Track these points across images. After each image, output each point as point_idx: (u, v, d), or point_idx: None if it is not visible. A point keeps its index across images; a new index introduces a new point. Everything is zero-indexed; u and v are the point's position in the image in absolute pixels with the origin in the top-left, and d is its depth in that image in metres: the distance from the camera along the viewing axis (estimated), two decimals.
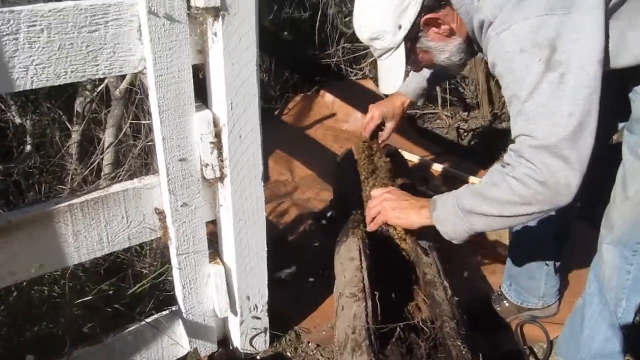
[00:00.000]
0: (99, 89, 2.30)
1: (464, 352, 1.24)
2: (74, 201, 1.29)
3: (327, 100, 3.47)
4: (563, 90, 1.18)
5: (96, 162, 2.23)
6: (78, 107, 2.32)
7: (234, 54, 1.26)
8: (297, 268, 2.14)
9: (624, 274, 1.57)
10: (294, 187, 2.82)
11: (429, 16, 1.39)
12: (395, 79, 1.54)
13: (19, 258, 1.26)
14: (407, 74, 1.74)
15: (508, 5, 1.23)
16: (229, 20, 1.21)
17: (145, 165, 2.17)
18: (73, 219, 1.30)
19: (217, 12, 1.20)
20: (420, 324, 1.40)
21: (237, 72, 1.28)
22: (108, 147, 2.23)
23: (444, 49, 1.47)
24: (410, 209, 1.49)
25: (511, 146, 1.27)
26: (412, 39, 1.45)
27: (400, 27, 1.42)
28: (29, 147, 2.29)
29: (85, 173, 2.19)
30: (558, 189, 1.20)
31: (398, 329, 1.37)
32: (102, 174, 2.22)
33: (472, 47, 1.48)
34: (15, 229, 1.23)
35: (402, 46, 1.45)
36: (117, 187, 1.35)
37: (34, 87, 1.13)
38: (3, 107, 2.35)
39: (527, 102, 1.21)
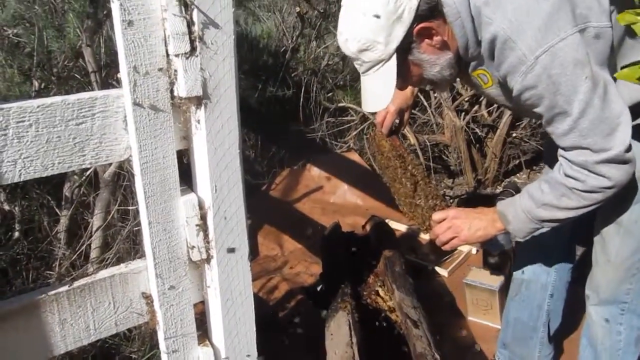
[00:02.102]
0: (87, 173, 2.34)
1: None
2: (60, 289, 1.29)
3: (314, 173, 3.54)
4: (609, 99, 1.25)
5: (84, 246, 2.23)
6: (66, 191, 2.35)
7: (216, 139, 1.30)
8: (287, 343, 2.11)
9: (615, 334, 1.59)
10: (283, 262, 2.83)
11: (422, 25, 1.36)
12: (384, 94, 1.45)
13: (4, 348, 1.24)
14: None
15: (533, 22, 1.23)
16: (211, 108, 1.27)
17: (134, 247, 2.18)
18: (59, 307, 1.29)
19: (199, 101, 1.25)
20: None
21: (220, 156, 1.32)
22: (96, 231, 2.25)
23: (436, 62, 1.43)
24: (485, 223, 1.54)
25: (572, 158, 1.32)
26: (404, 49, 1.39)
27: (392, 37, 1.36)
28: (17, 234, 2.30)
29: (73, 257, 2.19)
30: (624, 183, 1.31)
31: None
32: (90, 257, 2.22)
33: (460, 63, 1.45)
34: (1, 319, 1.22)
35: (394, 57, 1.39)
36: (103, 273, 1.36)
37: (21, 179, 1.16)
38: None
39: (581, 119, 1.26)
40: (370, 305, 1.90)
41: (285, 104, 3.65)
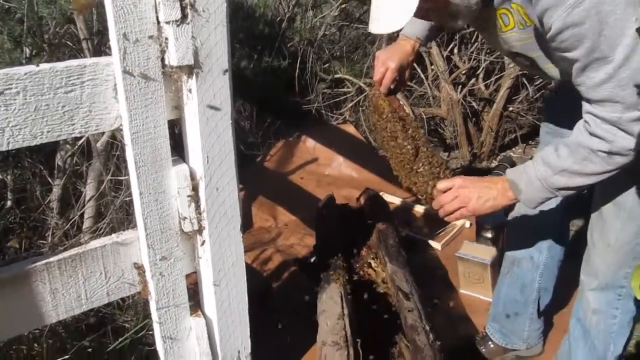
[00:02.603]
0: (80, 142, 2.32)
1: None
2: (51, 259, 1.29)
3: (309, 145, 3.52)
4: None
5: (77, 216, 2.23)
6: (59, 160, 2.34)
7: (208, 109, 1.29)
8: (280, 315, 2.13)
9: (610, 318, 1.58)
10: (277, 233, 2.83)
11: None
12: (402, 14, 1.27)
13: None
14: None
15: None
16: (203, 77, 1.25)
17: (127, 217, 2.17)
18: (50, 276, 1.29)
19: (190, 70, 1.23)
20: None
21: (212, 126, 1.30)
22: (89, 200, 2.24)
23: None
24: (494, 193, 1.44)
25: (603, 115, 1.22)
26: None
27: None
28: (9, 203, 2.29)
29: (66, 227, 2.19)
30: None
31: None
32: (83, 227, 2.21)
33: None
34: None
35: None
36: (94, 243, 1.35)
37: (9, 148, 1.14)
38: None
39: (622, 68, 1.15)
40: (363, 278, 1.90)
41: (281, 74, 3.60)
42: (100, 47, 2.47)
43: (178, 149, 1.42)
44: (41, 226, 2.23)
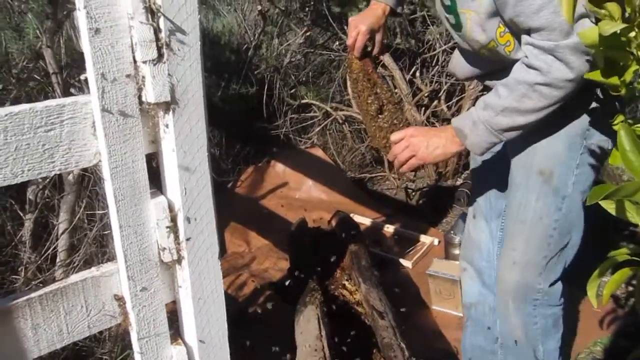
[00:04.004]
0: (52, 176, 2.32)
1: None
2: (32, 295, 1.30)
3: (278, 169, 3.57)
4: None
5: (50, 249, 2.22)
6: (30, 194, 2.33)
7: (185, 143, 1.33)
8: (257, 338, 2.15)
9: (531, 325, 1.62)
10: (251, 258, 2.86)
11: None
12: None
13: None
14: None
15: None
16: (180, 112, 1.29)
17: (101, 250, 2.18)
18: (32, 312, 1.30)
19: (167, 106, 1.27)
20: None
21: (190, 159, 1.35)
22: (62, 234, 2.24)
23: None
24: (443, 141, 1.48)
25: (540, 43, 1.27)
26: None
27: None
28: None
29: (40, 261, 2.18)
30: (582, 79, 1.25)
31: None
32: (57, 260, 2.21)
33: None
34: None
35: None
36: (75, 277, 1.37)
37: None
38: None
39: None
40: (338, 299, 1.95)
41: (249, 101, 3.67)
42: (69, 81, 2.49)
43: (154, 181, 1.46)
44: (13, 261, 2.22)
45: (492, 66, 1.57)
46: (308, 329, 1.66)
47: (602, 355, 2.05)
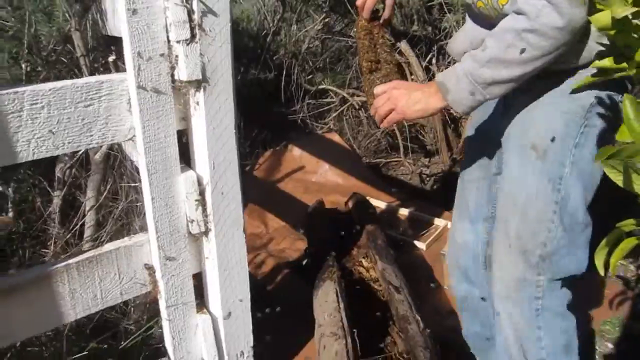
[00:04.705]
0: (79, 154, 2.41)
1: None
2: (70, 261, 1.38)
3: (295, 153, 3.64)
4: None
5: (78, 225, 2.31)
6: (58, 172, 2.42)
7: (214, 120, 1.40)
8: (277, 314, 2.23)
9: (536, 341, 1.42)
10: (269, 239, 2.94)
11: None
12: None
13: (18, 318, 1.34)
14: None
15: None
16: (210, 90, 1.36)
17: (126, 225, 2.26)
18: (69, 277, 1.39)
19: (199, 84, 1.35)
20: (397, 355, 1.51)
21: (218, 135, 1.42)
22: (89, 210, 2.33)
23: None
24: (425, 95, 1.39)
25: None
26: None
27: None
28: (10, 214, 2.37)
29: (68, 236, 2.27)
30: (573, 32, 1.17)
31: None
32: (85, 236, 2.30)
33: None
34: (16, 290, 1.32)
35: None
36: (109, 246, 1.46)
37: (34, 158, 1.25)
38: None
39: None
40: (354, 276, 2.02)
41: (267, 86, 3.73)
42: (94, 64, 2.57)
43: (183, 157, 1.53)
44: (43, 236, 2.32)
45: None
46: (326, 302, 1.73)
47: (612, 334, 2.10)
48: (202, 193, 1.48)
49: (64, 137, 1.27)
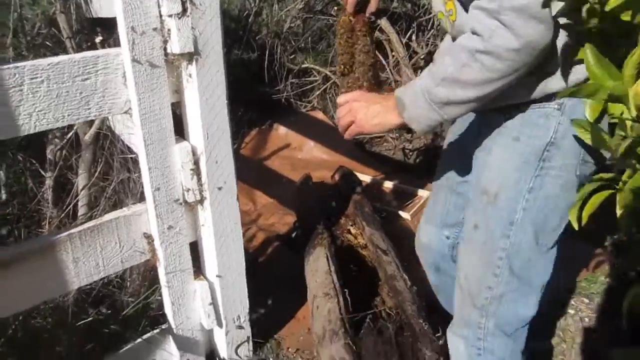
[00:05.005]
0: (69, 135, 2.45)
1: (425, 328, 1.45)
2: (73, 230, 1.45)
3: (281, 132, 3.70)
4: None
5: (71, 205, 2.36)
6: (49, 154, 2.46)
7: (207, 91, 1.47)
8: (269, 283, 2.31)
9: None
10: (258, 215, 3.00)
11: None
12: None
13: (24, 287, 1.40)
14: None
15: None
16: (202, 63, 1.42)
17: (119, 204, 2.31)
18: (72, 246, 1.45)
19: (191, 57, 1.40)
20: (386, 310, 1.60)
21: (211, 106, 1.48)
22: (81, 190, 2.37)
23: None
24: (384, 111, 1.31)
25: (482, 3, 1.09)
26: None
27: None
28: (4, 196, 2.40)
29: (62, 216, 2.32)
30: (533, 53, 1.08)
31: (368, 317, 1.57)
32: (78, 214, 2.35)
33: None
34: (21, 259, 1.38)
35: None
36: (109, 216, 1.52)
37: (36, 131, 1.30)
38: None
39: None
40: (343, 243, 2.10)
41: (251, 66, 3.77)
42: (81, 46, 2.59)
43: (177, 130, 1.59)
44: (37, 216, 2.36)
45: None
46: (318, 266, 1.81)
47: (587, 290, 2.21)
48: (196, 162, 1.55)
49: (64, 110, 1.33)
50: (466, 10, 1.21)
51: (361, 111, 1.35)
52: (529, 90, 1.21)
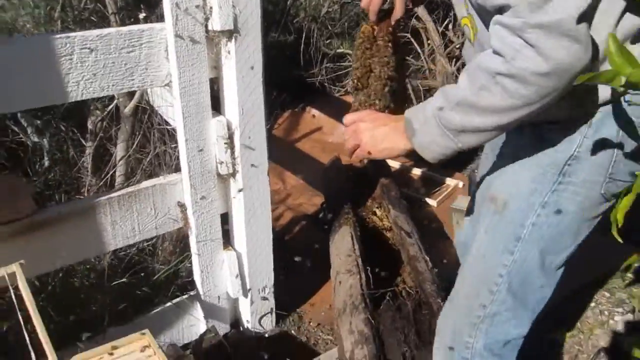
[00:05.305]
0: (109, 108, 2.55)
1: (443, 306, 1.49)
2: (112, 195, 1.53)
3: (313, 115, 3.75)
4: None
5: (109, 174, 2.46)
6: (90, 125, 2.56)
7: (244, 68, 1.53)
8: (294, 260, 2.38)
9: None
10: (287, 195, 3.07)
11: None
12: None
13: (65, 244, 1.49)
14: None
15: None
16: (240, 40, 1.48)
17: (154, 175, 2.41)
18: (111, 210, 1.54)
19: (230, 34, 1.46)
20: (406, 289, 1.65)
21: (247, 83, 1.54)
22: (119, 160, 2.47)
23: None
24: (392, 135, 1.17)
25: (507, 21, 0.92)
26: None
27: None
28: (47, 163, 2.52)
29: (100, 184, 2.43)
30: (565, 78, 0.92)
31: (388, 295, 1.63)
32: (116, 184, 2.45)
33: None
34: (64, 219, 1.47)
35: None
36: (146, 183, 1.60)
37: (82, 98, 1.38)
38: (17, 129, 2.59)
39: None
40: (368, 225, 2.15)
41: (286, 49, 3.82)
42: (125, 22, 2.68)
43: (213, 105, 1.66)
44: (77, 184, 2.47)
45: None
46: (342, 244, 1.86)
47: (614, 285, 2.21)
48: (230, 137, 1.61)
49: (109, 80, 1.40)
50: (485, 25, 1.06)
51: (367, 133, 1.21)
52: (560, 110, 1.05)
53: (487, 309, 1.20)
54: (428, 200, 2.88)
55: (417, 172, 3.18)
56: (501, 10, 0.94)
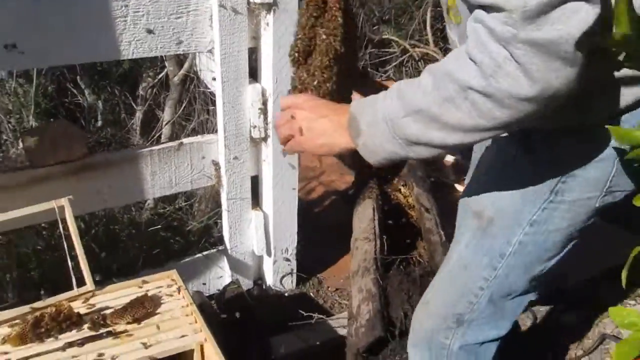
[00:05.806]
0: (160, 75, 2.73)
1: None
2: (154, 147, 1.69)
3: (354, 98, 3.85)
4: None
5: (155, 137, 2.65)
6: (141, 90, 2.75)
7: (280, 40, 1.65)
8: (320, 229, 2.50)
9: None
10: (321, 172, 3.20)
11: None
12: None
13: (110, 187, 1.65)
14: None
15: None
16: (278, 13, 1.60)
17: None
18: (152, 161, 1.69)
19: (269, 7, 1.59)
20: (418, 258, 1.75)
21: (282, 53, 1.66)
22: (165, 124, 2.65)
23: None
24: (332, 130, 1.00)
25: (495, 26, 0.74)
26: None
27: None
28: (100, 122, 2.73)
29: (147, 145, 2.61)
30: (549, 104, 0.78)
31: (401, 262, 1.73)
32: None
33: None
34: (111, 164, 1.63)
35: None
36: (185, 140, 1.75)
37: (133, 57, 1.53)
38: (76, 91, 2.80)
39: None
40: (392, 202, 2.25)
41: None
42: None
43: (250, 73, 1.79)
44: (126, 144, 2.66)
45: None
46: (364, 215, 1.98)
47: None
48: (264, 103, 1.74)
49: (157, 42, 1.55)
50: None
51: (304, 124, 1.02)
52: (557, 121, 0.91)
53: (465, 316, 1.16)
54: (457, 186, 2.95)
55: (449, 159, 3.25)
56: (487, 8, 0.75)
